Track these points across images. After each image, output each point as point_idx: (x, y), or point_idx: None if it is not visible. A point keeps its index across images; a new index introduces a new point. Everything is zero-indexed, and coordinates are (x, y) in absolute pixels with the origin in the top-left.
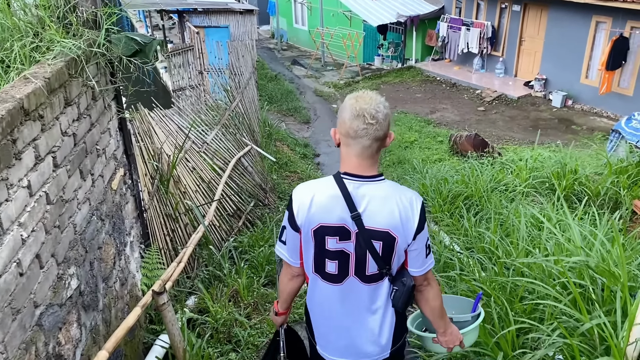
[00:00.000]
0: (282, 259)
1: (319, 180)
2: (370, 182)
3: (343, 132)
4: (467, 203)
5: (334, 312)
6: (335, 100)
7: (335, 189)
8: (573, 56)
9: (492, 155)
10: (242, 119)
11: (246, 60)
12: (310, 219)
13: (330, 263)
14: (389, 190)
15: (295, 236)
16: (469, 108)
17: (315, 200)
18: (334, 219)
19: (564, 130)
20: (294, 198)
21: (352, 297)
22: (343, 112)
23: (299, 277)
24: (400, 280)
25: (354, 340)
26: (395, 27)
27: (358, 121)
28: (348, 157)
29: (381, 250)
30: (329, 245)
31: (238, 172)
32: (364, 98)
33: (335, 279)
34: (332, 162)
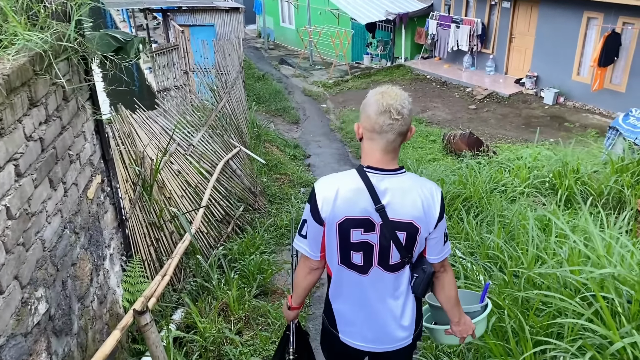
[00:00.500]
0: (300, 254)
1: (342, 173)
2: (393, 175)
3: (368, 127)
4: (465, 205)
5: (360, 300)
6: (324, 99)
7: (359, 182)
8: (564, 53)
9: (487, 154)
10: (230, 120)
11: (233, 59)
12: (335, 211)
13: (355, 255)
14: (411, 182)
15: (318, 229)
16: (460, 106)
17: (340, 194)
18: (358, 211)
19: (556, 128)
20: (317, 191)
21: (377, 286)
22: (368, 107)
23: (316, 271)
24: (421, 268)
25: (380, 326)
26: (384, 26)
27: (384, 117)
28: (371, 151)
29: (404, 241)
30: (353, 237)
31: (226, 175)
32: (390, 94)
33: (361, 270)
34: (322, 164)
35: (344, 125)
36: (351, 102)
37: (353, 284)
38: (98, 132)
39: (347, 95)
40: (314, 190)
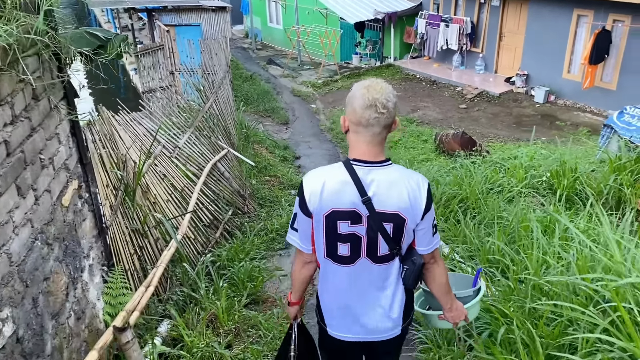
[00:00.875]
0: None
1: (329, 166)
2: (379, 167)
3: (354, 121)
4: (462, 206)
5: (346, 292)
6: (313, 100)
7: (345, 174)
8: (554, 51)
9: (481, 154)
10: (217, 121)
11: (220, 58)
12: (322, 204)
13: (342, 246)
14: (397, 174)
15: (307, 221)
16: (451, 105)
17: (326, 186)
18: (345, 203)
19: (548, 126)
20: (304, 184)
21: (363, 277)
22: (354, 100)
23: (311, 264)
24: (411, 260)
25: (367, 317)
26: (372, 25)
27: (370, 110)
28: (357, 144)
29: (392, 232)
30: (341, 229)
31: (214, 178)
32: (375, 88)
33: (347, 261)
34: (313, 165)
35: (334, 126)
36: (341, 102)
37: (338, 276)
38: (74, 134)
39: (336, 95)
40: (302, 183)
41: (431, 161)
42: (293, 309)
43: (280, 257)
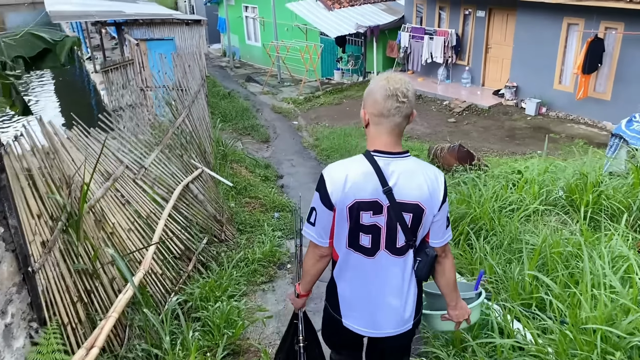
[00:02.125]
0: (308, 242)
1: (349, 159)
2: (399, 158)
3: (376, 112)
4: (473, 227)
5: (365, 283)
6: (295, 116)
7: (367, 166)
8: (545, 61)
9: (480, 168)
10: (190, 138)
11: (193, 71)
12: (346, 196)
13: (364, 237)
14: (416, 165)
15: (328, 215)
16: (439, 120)
17: (349, 178)
18: (367, 194)
19: (542, 139)
20: (326, 178)
21: (383, 270)
22: (375, 92)
23: (326, 258)
24: (424, 251)
25: (383, 310)
26: (354, 40)
27: (392, 100)
28: (378, 135)
29: (410, 222)
30: (363, 220)
31: (186, 201)
32: (394, 79)
33: (368, 253)
34: (298, 184)
35: (318, 142)
36: (324, 118)
37: (359, 266)
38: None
39: (319, 111)
40: (322, 177)
41: None
42: (301, 300)
43: (263, 294)
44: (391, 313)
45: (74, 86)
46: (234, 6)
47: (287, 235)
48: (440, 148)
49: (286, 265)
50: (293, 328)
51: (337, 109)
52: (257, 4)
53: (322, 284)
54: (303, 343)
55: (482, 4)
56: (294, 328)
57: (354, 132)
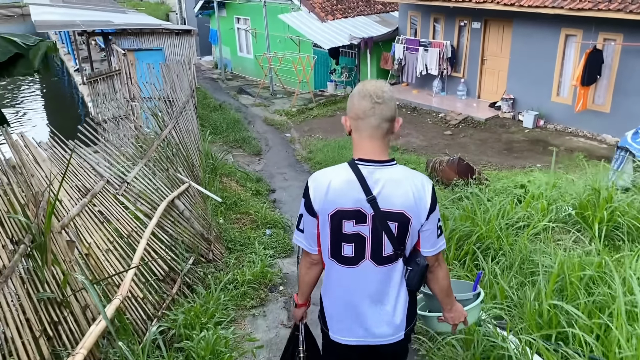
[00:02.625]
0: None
1: (334, 167)
2: (384, 167)
3: (353, 115)
4: (479, 246)
5: (348, 294)
6: (288, 128)
7: (350, 174)
8: (542, 73)
9: (481, 182)
10: (177, 151)
11: (182, 81)
12: (327, 203)
13: (347, 246)
14: (402, 174)
15: (312, 222)
16: (435, 132)
17: (331, 186)
18: (350, 203)
19: (541, 152)
20: (310, 185)
21: (367, 280)
22: (352, 97)
23: (317, 265)
24: (415, 261)
25: (369, 321)
26: (347, 52)
27: (365, 101)
28: (360, 142)
29: (396, 231)
30: (345, 229)
31: (171, 218)
32: (370, 82)
33: (351, 262)
34: (290, 199)
35: (312, 155)
36: (317, 131)
37: (342, 277)
38: None
39: (312, 123)
40: (307, 184)
41: None
42: (300, 310)
43: (253, 319)
44: (378, 321)
45: (62, 98)
46: (225, 18)
47: (280, 253)
48: (439, 161)
49: (278, 287)
50: (294, 340)
51: (331, 121)
52: (249, 16)
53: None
54: (303, 353)
55: (477, 15)
56: (294, 340)
57: (348, 144)
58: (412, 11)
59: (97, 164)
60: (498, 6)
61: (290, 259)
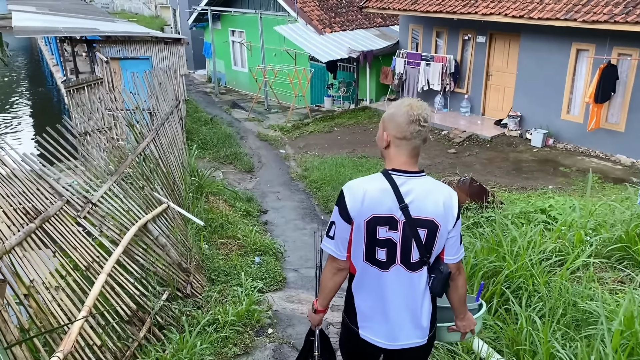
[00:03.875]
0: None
1: (368, 177)
2: (415, 177)
3: (399, 135)
4: (509, 286)
5: (381, 296)
6: (282, 145)
7: (385, 183)
8: (551, 90)
9: (496, 206)
10: (156, 167)
11: (165, 90)
12: (363, 210)
13: (380, 251)
14: (432, 184)
15: (346, 228)
16: (438, 150)
17: (367, 194)
18: (384, 210)
19: (552, 173)
20: (345, 193)
21: (397, 283)
22: (399, 117)
23: (343, 271)
24: (438, 268)
25: (398, 323)
26: (345, 66)
27: (415, 125)
28: (398, 156)
29: (425, 238)
30: (379, 234)
31: (144, 245)
32: (417, 105)
33: (383, 266)
34: (283, 221)
35: (307, 173)
36: (314, 147)
37: (375, 279)
38: None
39: (308, 139)
40: (342, 192)
41: None
42: (319, 316)
43: None
44: (406, 326)
45: (50, 110)
46: (220, 30)
47: (270, 286)
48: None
49: (267, 329)
50: (309, 345)
51: (328, 137)
52: (244, 28)
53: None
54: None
55: (482, 28)
56: (309, 345)
57: (347, 162)
58: (413, 24)
59: (57, 181)
60: (506, 18)
61: (282, 292)
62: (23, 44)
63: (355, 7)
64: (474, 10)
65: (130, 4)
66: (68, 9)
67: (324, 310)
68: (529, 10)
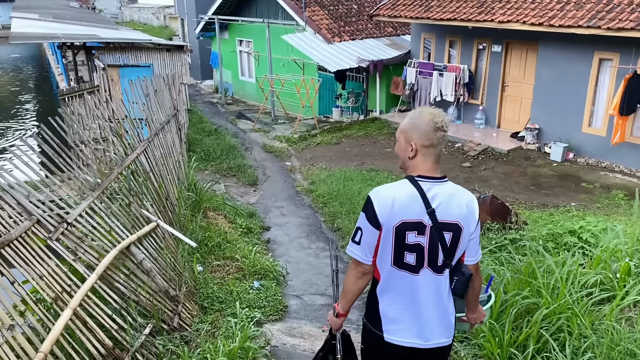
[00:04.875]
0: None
1: (395, 184)
2: (439, 183)
3: (427, 143)
4: (547, 328)
5: (411, 298)
6: (288, 156)
7: (412, 189)
8: (571, 101)
9: (520, 226)
10: (146, 181)
11: (161, 97)
12: (393, 216)
13: (409, 255)
14: (454, 189)
15: (374, 234)
16: (452, 164)
17: (396, 200)
18: (412, 215)
19: (573, 189)
20: (374, 200)
21: (427, 286)
22: (423, 125)
23: (367, 275)
24: (460, 271)
25: (427, 324)
26: (355, 76)
27: (440, 132)
28: (424, 164)
29: (450, 241)
30: (408, 239)
31: (126, 270)
32: (438, 113)
33: (413, 270)
34: (287, 239)
35: (314, 187)
36: (321, 159)
37: (405, 283)
38: None
39: (315, 151)
40: (370, 199)
41: None
42: (340, 320)
43: None
44: (436, 326)
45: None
46: (227, 40)
47: (269, 316)
48: None
49: None
50: (328, 347)
51: (336, 150)
52: (252, 38)
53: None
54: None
55: (498, 37)
56: (329, 347)
57: (355, 175)
58: (425, 33)
59: (29, 196)
60: (524, 26)
61: (283, 323)
62: (32, 53)
63: (365, 16)
64: (490, 17)
65: (140, 15)
66: (73, 17)
67: (345, 314)
68: (548, 18)
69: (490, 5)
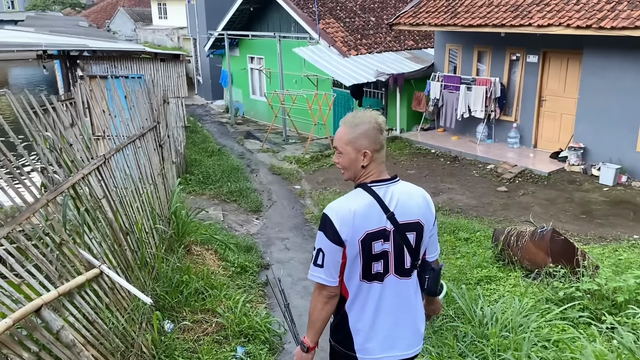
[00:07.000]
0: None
1: (348, 195)
2: (393, 184)
3: (377, 148)
4: None
5: (380, 309)
6: (298, 179)
7: (368, 197)
8: (624, 117)
9: (588, 269)
10: (95, 210)
11: (137, 105)
12: (355, 230)
13: (376, 264)
14: (408, 187)
15: (337, 252)
16: (486, 188)
17: (356, 213)
18: (374, 224)
19: (632, 218)
20: (332, 216)
21: (393, 293)
22: (370, 131)
23: (334, 299)
24: (430, 269)
25: (400, 335)
26: (372, 92)
27: (383, 134)
28: (375, 169)
29: (414, 242)
30: (375, 249)
31: (35, 346)
32: (375, 114)
33: (379, 278)
34: (289, 281)
35: None
36: (334, 182)
37: (373, 294)
38: None
39: (328, 173)
40: (327, 216)
41: (498, 284)
42: (310, 355)
43: None
44: (408, 334)
45: None
46: (238, 57)
47: None
48: (516, 233)
49: None
50: None
51: None
52: (263, 54)
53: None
54: None
55: (534, 46)
56: None
57: None
58: (451, 44)
59: None
60: (568, 30)
61: None
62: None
63: (383, 29)
64: (527, 21)
65: (154, 36)
66: (71, 31)
67: (314, 346)
68: (597, 19)
69: (527, 8)
